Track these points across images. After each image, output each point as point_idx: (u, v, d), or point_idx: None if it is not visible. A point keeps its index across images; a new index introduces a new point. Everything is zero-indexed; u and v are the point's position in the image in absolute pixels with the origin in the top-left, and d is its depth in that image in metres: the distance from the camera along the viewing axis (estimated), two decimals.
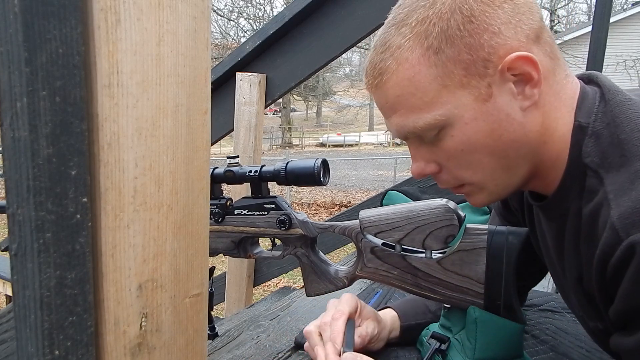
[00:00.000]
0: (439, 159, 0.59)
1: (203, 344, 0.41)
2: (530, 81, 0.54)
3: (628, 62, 10.63)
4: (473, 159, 0.57)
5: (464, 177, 0.59)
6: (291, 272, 3.31)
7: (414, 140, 0.60)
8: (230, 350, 0.90)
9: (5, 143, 0.28)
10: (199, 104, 0.37)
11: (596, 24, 1.53)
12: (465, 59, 0.53)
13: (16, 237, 0.29)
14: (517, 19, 0.53)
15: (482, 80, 0.53)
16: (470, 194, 0.62)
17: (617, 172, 0.50)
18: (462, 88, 0.53)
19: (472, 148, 0.56)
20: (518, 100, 0.54)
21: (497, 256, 0.65)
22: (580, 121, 0.55)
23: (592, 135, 0.54)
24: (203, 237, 0.40)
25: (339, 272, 0.79)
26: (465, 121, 0.54)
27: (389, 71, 0.56)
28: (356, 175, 11.28)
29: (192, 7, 0.35)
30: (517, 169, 0.58)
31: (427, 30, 0.53)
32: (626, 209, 0.47)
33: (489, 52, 0.52)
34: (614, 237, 0.48)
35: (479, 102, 0.54)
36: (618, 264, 0.48)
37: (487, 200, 0.62)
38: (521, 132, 0.55)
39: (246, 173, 0.80)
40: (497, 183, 0.59)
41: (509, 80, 0.53)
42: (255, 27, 16.79)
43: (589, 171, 0.53)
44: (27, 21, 0.27)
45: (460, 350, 0.71)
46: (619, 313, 0.51)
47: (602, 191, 0.51)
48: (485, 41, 0.52)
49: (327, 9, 1.67)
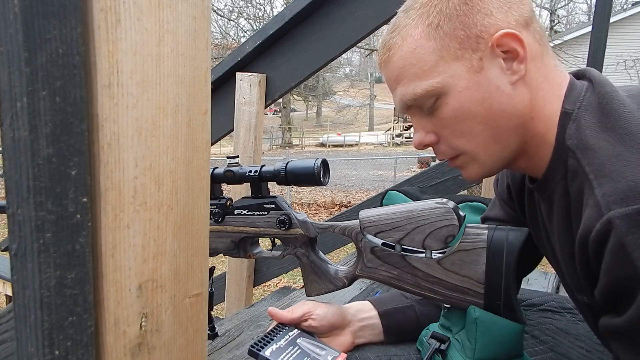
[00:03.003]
0: (436, 128, 0.65)
1: (203, 344, 0.41)
2: (517, 57, 0.60)
3: (628, 62, 10.62)
4: (466, 127, 0.62)
5: (458, 146, 0.64)
6: (291, 272, 3.31)
7: (416, 111, 0.66)
8: (230, 350, 0.90)
9: (5, 143, 0.28)
10: (199, 104, 0.37)
11: (596, 24, 1.52)
12: (460, 35, 0.60)
13: (16, 237, 0.29)
14: (508, 6, 0.60)
15: (475, 54, 0.60)
16: (464, 165, 0.67)
17: (594, 153, 0.55)
18: (457, 60, 0.60)
19: (465, 115, 0.61)
20: (507, 75, 0.61)
21: (497, 256, 0.65)
22: (567, 108, 0.61)
23: (575, 120, 0.59)
24: (203, 237, 0.39)
25: (339, 272, 0.79)
26: (459, 89, 0.60)
27: (395, 46, 0.64)
28: (356, 175, 11.28)
29: (192, 7, 0.35)
30: (507, 140, 0.63)
31: (429, 10, 0.61)
32: (608, 188, 0.51)
33: (481, 30, 0.59)
34: (596, 213, 0.52)
35: (471, 73, 0.60)
36: (598, 239, 0.51)
37: (481, 172, 0.66)
38: (510, 104, 0.61)
39: (246, 173, 0.80)
40: (490, 154, 0.64)
41: (498, 56, 0.60)
42: (255, 27, 16.78)
43: (570, 152, 0.59)
44: (27, 21, 0.27)
45: (460, 350, 0.71)
46: (604, 289, 0.52)
47: (582, 171, 0.56)
48: (478, 20, 0.59)
49: (327, 9, 1.67)
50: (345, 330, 0.81)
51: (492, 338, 0.67)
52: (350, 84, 27.06)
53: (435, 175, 1.85)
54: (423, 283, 0.70)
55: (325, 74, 23.37)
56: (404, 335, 0.83)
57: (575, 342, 0.84)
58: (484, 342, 0.67)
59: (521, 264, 0.70)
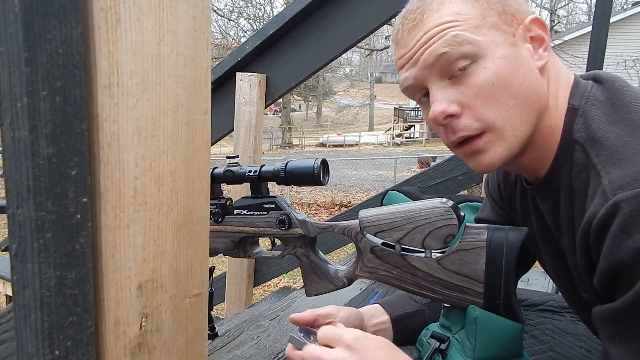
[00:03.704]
0: (465, 97, 0.61)
1: (203, 344, 0.41)
2: (542, 43, 0.63)
3: (628, 62, 10.62)
4: (501, 96, 0.60)
5: (489, 117, 0.60)
6: (291, 272, 3.31)
7: (439, 78, 0.62)
8: (230, 350, 0.90)
9: (5, 143, 0.28)
10: (199, 104, 0.37)
11: (596, 24, 1.52)
12: (499, 9, 0.61)
13: (16, 237, 0.29)
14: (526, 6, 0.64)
15: (510, 27, 0.61)
16: (487, 147, 0.62)
17: (601, 145, 0.55)
18: (497, 29, 0.61)
19: (502, 83, 0.60)
20: (534, 60, 0.62)
21: (497, 255, 0.65)
22: (573, 104, 0.62)
23: (582, 115, 0.60)
24: (203, 237, 0.40)
25: (339, 272, 0.79)
26: (498, 55, 0.60)
27: (430, 10, 0.62)
28: (356, 175, 11.28)
29: (192, 7, 0.35)
30: (531, 123, 0.62)
31: None
32: (615, 175, 0.51)
33: (514, 11, 0.62)
34: (602, 199, 0.52)
35: (508, 45, 0.61)
36: (601, 223, 0.51)
37: (504, 157, 0.62)
38: (539, 87, 0.62)
39: (246, 173, 0.80)
40: (517, 133, 0.61)
41: (527, 40, 0.62)
42: (255, 27, 16.77)
43: (577, 145, 0.59)
44: (27, 21, 0.27)
45: (460, 349, 0.71)
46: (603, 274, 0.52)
47: (590, 163, 0.56)
48: (512, 3, 0.62)
49: (327, 9, 1.67)
50: None
51: (491, 337, 0.67)
52: (350, 84, 27.07)
53: (435, 175, 1.85)
54: (423, 282, 0.70)
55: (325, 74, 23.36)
56: (411, 339, 0.83)
57: (575, 341, 0.84)
58: (483, 342, 0.67)
59: (519, 263, 0.70)
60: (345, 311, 0.78)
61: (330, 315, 0.77)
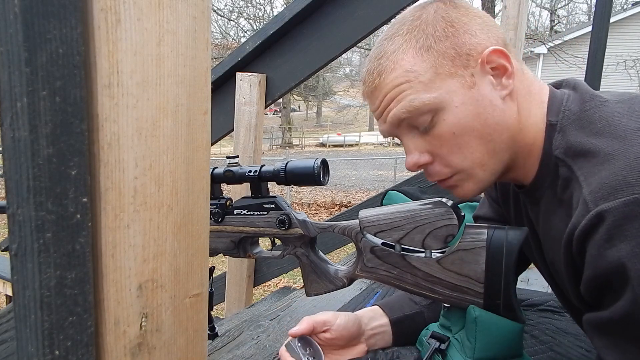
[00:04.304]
0: (432, 147, 0.66)
1: (203, 344, 0.41)
2: (505, 72, 0.63)
3: (628, 62, 10.62)
4: (463, 142, 0.63)
5: (456, 163, 0.65)
6: (291, 272, 3.31)
7: (407, 131, 0.67)
8: (230, 350, 0.91)
9: (5, 143, 0.28)
10: (199, 104, 0.37)
11: (596, 24, 1.52)
12: (452, 54, 0.62)
13: (16, 237, 0.29)
14: (487, 29, 0.64)
15: (466, 70, 0.62)
16: (459, 184, 0.67)
17: (584, 159, 0.57)
18: (451, 77, 0.62)
19: (462, 130, 0.63)
20: (497, 91, 0.63)
21: (497, 255, 0.65)
22: (551, 120, 0.63)
23: (560, 131, 0.62)
24: (203, 237, 0.40)
25: (339, 272, 0.79)
26: (456, 104, 0.62)
27: (387, 70, 0.64)
28: (356, 175, 11.28)
29: (192, 7, 0.35)
30: (501, 154, 0.65)
31: (417, 35, 0.64)
32: (596, 185, 0.52)
33: (469, 49, 0.62)
34: (583, 209, 0.52)
35: (465, 89, 0.62)
36: (584, 233, 0.52)
37: (476, 189, 0.67)
38: (502, 118, 0.63)
39: (246, 173, 0.80)
40: (485, 168, 0.65)
41: (488, 73, 0.63)
42: (255, 27, 16.77)
43: (559, 162, 0.61)
44: (27, 21, 0.27)
45: (460, 349, 0.71)
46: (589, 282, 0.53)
47: (573, 176, 0.57)
48: (465, 40, 0.62)
49: (327, 9, 1.67)
50: (361, 340, 0.81)
51: (491, 337, 0.67)
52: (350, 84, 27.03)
53: None
54: (423, 282, 0.70)
55: (325, 74, 23.35)
56: (411, 340, 0.83)
57: (575, 341, 0.84)
58: (483, 342, 0.67)
59: (518, 262, 0.70)
60: (343, 317, 0.78)
61: (327, 322, 0.77)
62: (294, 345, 0.74)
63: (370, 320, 0.83)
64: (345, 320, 0.78)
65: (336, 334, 0.77)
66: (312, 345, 0.75)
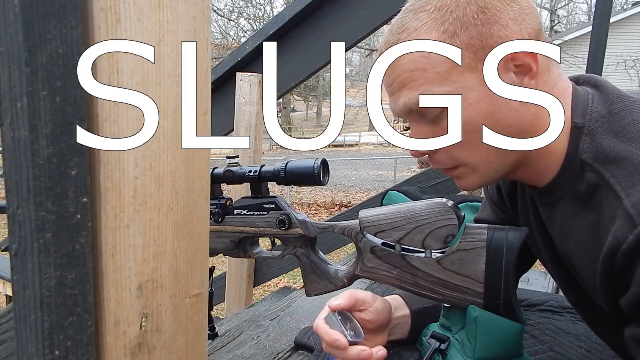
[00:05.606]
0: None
1: (203, 344, 0.41)
2: (529, 72, 0.58)
3: (628, 62, 10.62)
4: (471, 140, 0.60)
5: (460, 157, 0.63)
6: (291, 272, 3.31)
7: (416, 118, 0.64)
8: (230, 350, 0.91)
9: (5, 143, 0.28)
10: (199, 104, 0.37)
11: (596, 24, 1.52)
12: (476, 44, 0.57)
13: (16, 237, 0.29)
14: (522, 18, 0.58)
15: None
16: (462, 176, 0.65)
17: (617, 166, 0.54)
18: (470, 71, 0.58)
19: (472, 128, 0.59)
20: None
21: (497, 255, 0.65)
22: (577, 122, 0.60)
23: (588, 134, 0.58)
24: (203, 237, 0.40)
25: (339, 272, 0.79)
26: (470, 101, 0.58)
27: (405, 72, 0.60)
28: (356, 175, 11.28)
29: (192, 7, 0.35)
30: (509, 154, 0.62)
31: (444, 16, 0.58)
32: (638, 197, 0.50)
33: (497, 42, 0.57)
34: (628, 223, 0.50)
35: (483, 85, 0.57)
36: (630, 250, 0.50)
37: (479, 183, 0.65)
38: (517, 119, 0.59)
39: (246, 173, 0.80)
40: (491, 166, 0.63)
41: (511, 70, 0.58)
42: (255, 27, 16.77)
43: (587, 166, 0.58)
44: (27, 21, 0.27)
45: (460, 349, 0.71)
46: (636, 299, 0.51)
47: (604, 183, 0.55)
48: (494, 31, 0.57)
49: (327, 9, 1.67)
50: (385, 329, 0.79)
51: (491, 337, 0.67)
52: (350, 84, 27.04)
53: (435, 175, 1.84)
54: (423, 282, 0.70)
55: (325, 74, 23.34)
56: None
57: (575, 341, 0.84)
58: (483, 342, 0.67)
59: (519, 262, 0.70)
60: (380, 301, 0.76)
61: (366, 302, 0.75)
62: (335, 318, 0.72)
63: (395, 309, 0.81)
64: (382, 305, 0.76)
65: (372, 316, 0.75)
66: (352, 322, 0.73)
